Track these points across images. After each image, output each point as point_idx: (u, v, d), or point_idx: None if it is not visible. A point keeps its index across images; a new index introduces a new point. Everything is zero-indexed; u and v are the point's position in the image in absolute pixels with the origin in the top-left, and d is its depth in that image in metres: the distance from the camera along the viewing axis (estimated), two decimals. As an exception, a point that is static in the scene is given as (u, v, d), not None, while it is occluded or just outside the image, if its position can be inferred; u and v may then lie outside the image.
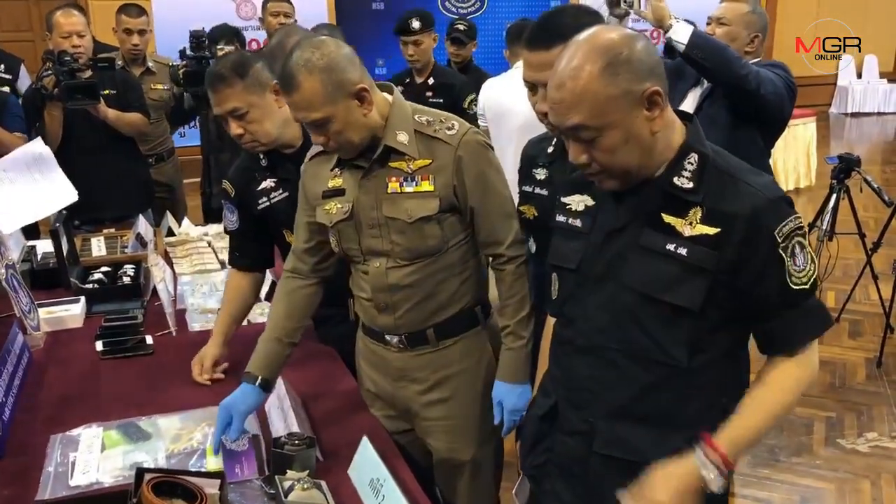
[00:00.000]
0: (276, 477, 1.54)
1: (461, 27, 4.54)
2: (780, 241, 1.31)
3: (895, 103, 11.40)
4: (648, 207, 1.38)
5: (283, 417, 1.76)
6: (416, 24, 4.00)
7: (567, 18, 1.68)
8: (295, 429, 1.66)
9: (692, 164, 1.36)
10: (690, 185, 1.35)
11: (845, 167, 4.02)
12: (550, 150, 1.88)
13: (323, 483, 1.55)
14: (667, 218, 1.36)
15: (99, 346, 2.25)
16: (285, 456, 1.56)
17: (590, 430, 1.46)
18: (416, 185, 1.74)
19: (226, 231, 2.26)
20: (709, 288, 1.33)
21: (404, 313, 1.83)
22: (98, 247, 3.12)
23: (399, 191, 1.75)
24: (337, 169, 1.82)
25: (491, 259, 1.86)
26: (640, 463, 1.39)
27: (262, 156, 2.12)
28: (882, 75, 10.87)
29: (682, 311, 1.34)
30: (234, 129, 2.00)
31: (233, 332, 2.15)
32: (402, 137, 1.74)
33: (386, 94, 1.79)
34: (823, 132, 8.31)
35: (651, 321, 1.37)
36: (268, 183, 2.13)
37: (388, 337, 1.88)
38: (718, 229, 1.31)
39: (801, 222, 1.35)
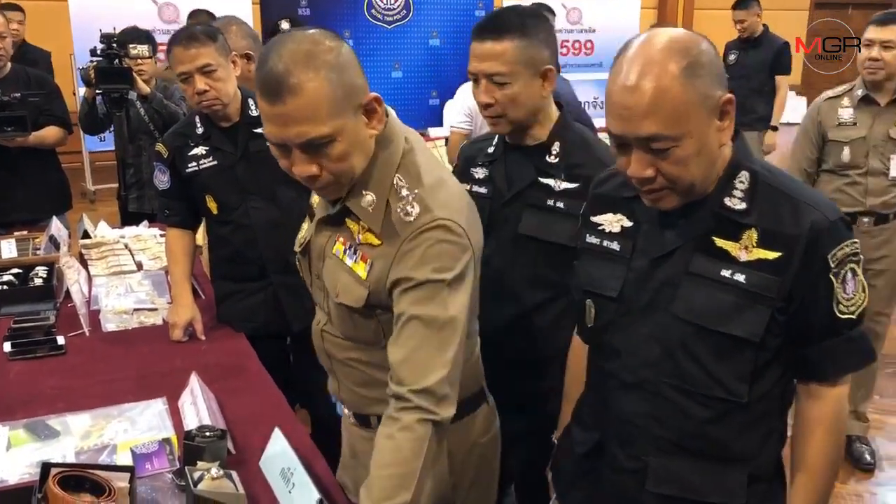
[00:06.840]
0: (186, 468, 1.55)
1: None
2: (832, 265, 1.21)
3: (803, 115, 11.96)
4: (697, 231, 1.26)
5: (195, 412, 1.77)
6: (284, 24, 3.68)
7: (513, 16, 1.73)
8: (207, 422, 1.67)
9: (743, 183, 1.25)
10: (743, 205, 1.24)
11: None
12: (491, 150, 1.89)
13: (233, 473, 1.56)
14: (719, 242, 1.24)
15: (7, 346, 2.21)
16: (196, 447, 1.57)
17: (642, 468, 1.34)
18: (354, 262, 1.36)
19: (158, 191, 2.44)
20: (770, 316, 1.22)
21: (344, 388, 1.55)
22: (9, 249, 3.04)
23: (340, 257, 1.39)
24: None
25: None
26: (696, 501, 1.32)
27: (199, 124, 2.31)
28: (790, 87, 11.33)
29: (740, 343, 1.23)
30: (201, 84, 2.16)
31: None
32: (367, 200, 1.34)
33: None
34: (736, 141, 8.66)
35: (707, 354, 1.25)
36: (200, 150, 2.31)
37: (339, 405, 1.63)
38: (779, 253, 1.21)
39: (857, 247, 1.24)
